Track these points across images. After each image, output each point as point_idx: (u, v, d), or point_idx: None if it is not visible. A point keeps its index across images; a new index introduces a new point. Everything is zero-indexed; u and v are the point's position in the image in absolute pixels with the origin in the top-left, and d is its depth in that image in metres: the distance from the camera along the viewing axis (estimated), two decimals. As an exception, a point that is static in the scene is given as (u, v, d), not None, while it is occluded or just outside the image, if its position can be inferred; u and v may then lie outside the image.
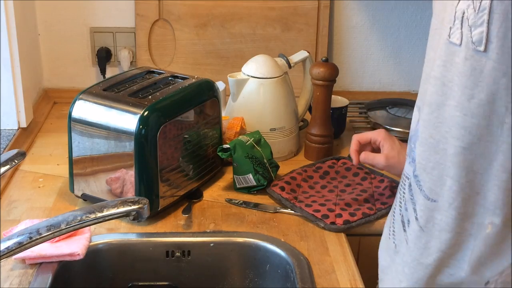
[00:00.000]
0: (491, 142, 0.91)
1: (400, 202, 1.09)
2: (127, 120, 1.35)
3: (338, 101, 1.83)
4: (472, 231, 0.97)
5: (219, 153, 1.49)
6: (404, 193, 1.08)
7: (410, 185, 1.06)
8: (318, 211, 1.42)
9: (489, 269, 0.97)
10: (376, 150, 1.43)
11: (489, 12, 0.87)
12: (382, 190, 1.51)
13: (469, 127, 0.92)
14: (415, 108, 1.07)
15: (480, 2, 0.88)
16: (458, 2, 0.92)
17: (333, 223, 1.39)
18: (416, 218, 1.03)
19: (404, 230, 1.07)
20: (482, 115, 0.91)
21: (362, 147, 1.43)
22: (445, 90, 0.95)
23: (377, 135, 1.41)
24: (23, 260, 1.25)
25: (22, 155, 1.13)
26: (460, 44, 0.92)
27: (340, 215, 1.40)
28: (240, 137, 1.54)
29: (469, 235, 0.97)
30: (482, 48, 0.89)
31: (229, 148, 1.49)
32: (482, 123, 0.91)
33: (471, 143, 0.93)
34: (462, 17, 0.91)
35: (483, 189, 0.95)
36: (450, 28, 0.93)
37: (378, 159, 1.39)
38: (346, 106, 1.82)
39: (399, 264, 1.09)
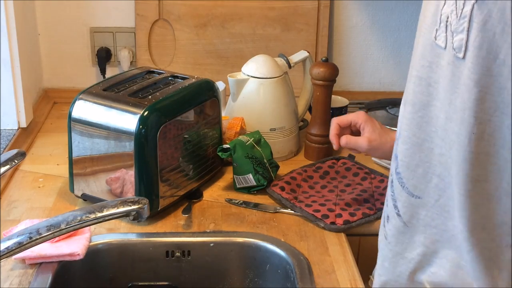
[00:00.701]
0: (462, 150, 0.91)
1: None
2: (127, 120, 1.35)
3: (338, 101, 1.83)
4: (454, 232, 0.96)
5: (219, 153, 1.49)
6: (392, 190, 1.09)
7: (392, 181, 1.06)
8: (318, 211, 1.42)
9: (468, 274, 0.96)
10: (356, 133, 1.42)
11: (469, 20, 0.86)
12: (382, 190, 1.51)
13: (449, 130, 0.92)
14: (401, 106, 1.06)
15: (462, 9, 0.87)
16: (444, 5, 0.91)
17: (333, 223, 1.39)
18: (398, 214, 1.03)
19: (384, 226, 1.08)
20: (459, 121, 0.91)
21: (342, 131, 1.43)
22: (430, 91, 0.95)
23: (357, 118, 1.41)
24: (23, 260, 1.25)
25: (22, 155, 1.13)
26: (445, 48, 0.92)
27: (340, 215, 1.40)
28: (240, 137, 1.54)
29: (451, 235, 0.97)
30: (461, 55, 0.88)
31: (229, 148, 1.49)
32: (456, 129, 0.91)
33: (451, 146, 0.93)
34: (447, 21, 0.91)
35: (456, 194, 0.94)
36: (436, 30, 0.93)
37: (360, 143, 1.38)
38: (346, 106, 1.82)
39: (378, 258, 1.10)
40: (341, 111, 1.80)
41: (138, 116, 1.34)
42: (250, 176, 1.50)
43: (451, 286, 0.98)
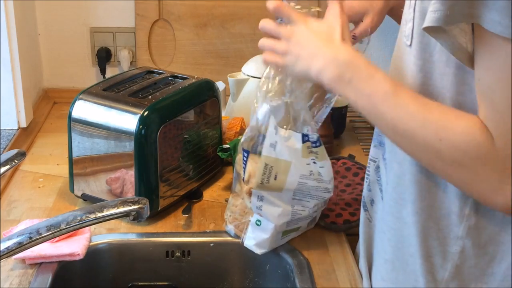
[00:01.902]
0: None
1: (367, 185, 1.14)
2: (127, 120, 1.35)
3: (338, 101, 1.83)
4: (407, 220, 0.99)
5: (219, 153, 1.49)
6: (368, 175, 1.12)
7: (378, 167, 1.08)
8: (318, 211, 1.42)
9: (411, 258, 0.98)
10: None
11: (413, 10, 0.91)
12: (382, 190, 1.52)
13: None
14: None
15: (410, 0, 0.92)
16: None
17: (333, 222, 1.39)
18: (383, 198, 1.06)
19: (366, 210, 1.10)
20: None
21: None
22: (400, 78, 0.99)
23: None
24: (23, 260, 1.25)
25: (22, 155, 1.13)
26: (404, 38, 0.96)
27: (340, 215, 1.40)
28: (240, 137, 1.54)
29: (404, 223, 1.00)
30: (409, 42, 0.93)
31: (229, 148, 1.49)
32: None
33: None
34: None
35: (407, 181, 0.98)
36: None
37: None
38: (346, 106, 1.82)
39: (362, 242, 1.13)
40: (341, 111, 1.80)
41: (138, 116, 1.34)
42: (250, 176, 1.50)
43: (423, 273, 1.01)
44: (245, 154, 1.23)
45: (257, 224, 1.27)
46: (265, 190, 1.21)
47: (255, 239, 1.28)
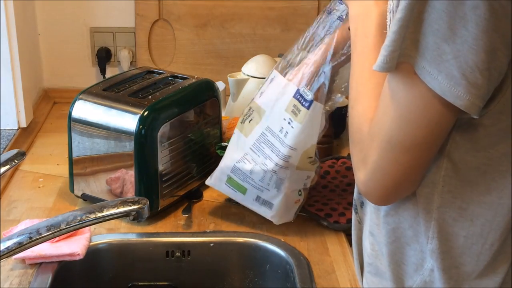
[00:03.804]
0: None
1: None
2: (127, 120, 1.35)
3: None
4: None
5: (218, 151, 1.49)
6: None
7: None
8: (321, 210, 1.42)
9: (408, 267, 0.98)
10: None
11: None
12: (382, 190, 1.52)
13: None
14: None
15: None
16: None
17: (336, 221, 1.39)
18: None
19: (356, 212, 1.10)
20: None
21: None
22: None
23: None
24: (23, 260, 1.25)
25: (22, 155, 1.13)
26: None
27: (343, 214, 1.41)
28: (240, 137, 1.54)
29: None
30: None
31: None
32: None
33: None
34: None
35: None
36: None
37: None
38: (346, 106, 1.82)
39: (354, 245, 1.13)
40: (341, 111, 1.80)
41: (138, 116, 1.34)
42: (250, 176, 1.50)
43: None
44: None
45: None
46: (239, 130, 1.35)
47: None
